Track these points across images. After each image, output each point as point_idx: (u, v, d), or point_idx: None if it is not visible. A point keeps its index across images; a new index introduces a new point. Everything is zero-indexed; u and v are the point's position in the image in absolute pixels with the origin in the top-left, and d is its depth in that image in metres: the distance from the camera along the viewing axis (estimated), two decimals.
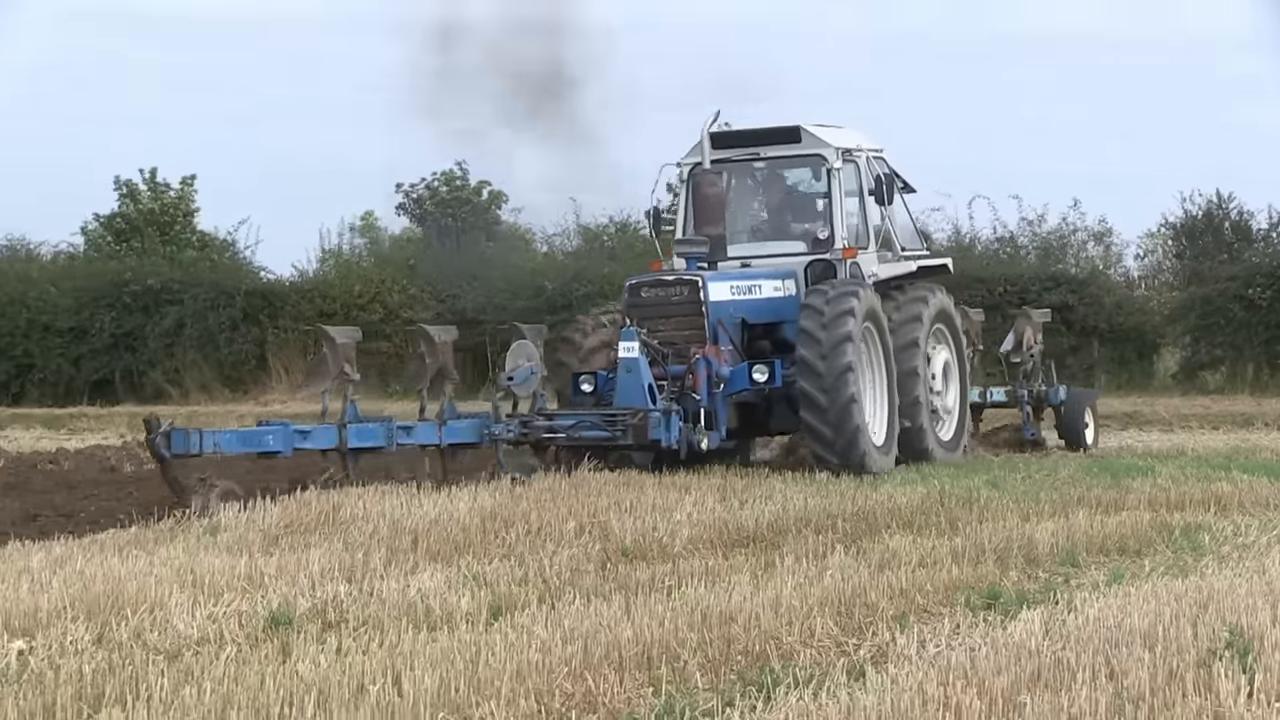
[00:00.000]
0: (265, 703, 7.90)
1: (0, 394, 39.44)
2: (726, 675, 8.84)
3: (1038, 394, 25.44)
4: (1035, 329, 25.89)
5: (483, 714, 7.83)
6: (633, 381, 18.60)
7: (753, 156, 21.91)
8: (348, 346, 17.97)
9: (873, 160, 21.69)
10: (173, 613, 10.73)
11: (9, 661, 9.39)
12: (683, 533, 14.26)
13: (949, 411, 22.42)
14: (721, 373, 19.22)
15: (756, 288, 20.83)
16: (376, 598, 11.31)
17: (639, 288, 20.17)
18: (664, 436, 18.23)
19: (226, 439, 17.28)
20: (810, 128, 21.36)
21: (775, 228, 22.64)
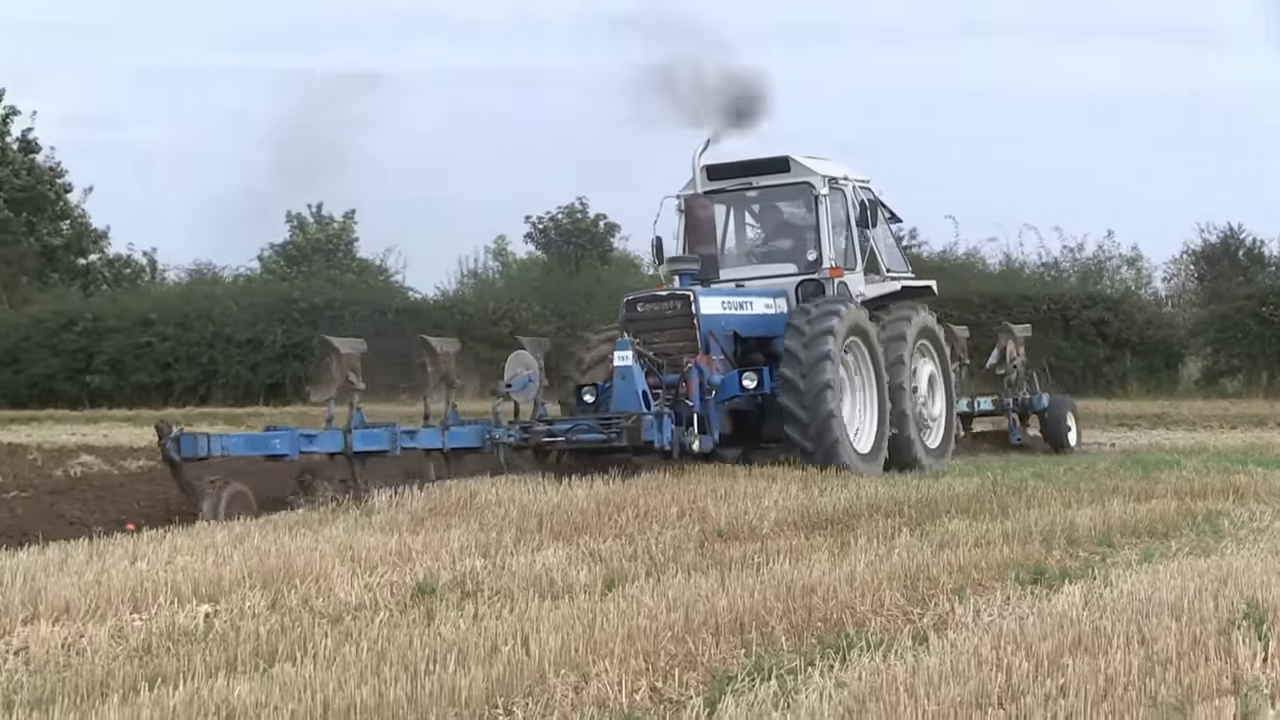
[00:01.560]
0: (413, 659, 7.95)
1: (189, 395, 39.78)
2: (808, 639, 8.84)
3: (1022, 401, 24.94)
4: (1017, 343, 25.27)
5: (598, 671, 7.85)
6: (627, 388, 17.54)
7: (745, 186, 20.98)
8: (352, 357, 16.70)
9: (858, 189, 20.71)
10: (335, 582, 10.82)
11: (198, 622, 9.51)
12: (770, 516, 14.26)
13: (935, 420, 21.37)
14: (713, 380, 18.23)
15: (748, 304, 19.79)
16: (507, 571, 11.35)
17: (635, 303, 19.26)
18: (657, 438, 17.15)
19: (234, 442, 16.17)
20: (799, 158, 20.44)
21: (768, 251, 21.56)
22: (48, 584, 10.36)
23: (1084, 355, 38.38)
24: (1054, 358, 37.99)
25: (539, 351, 18.26)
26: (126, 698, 7.26)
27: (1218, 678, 7.46)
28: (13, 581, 10.49)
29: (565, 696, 7.46)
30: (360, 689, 7.29)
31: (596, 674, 7.81)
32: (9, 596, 9.91)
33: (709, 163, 20.44)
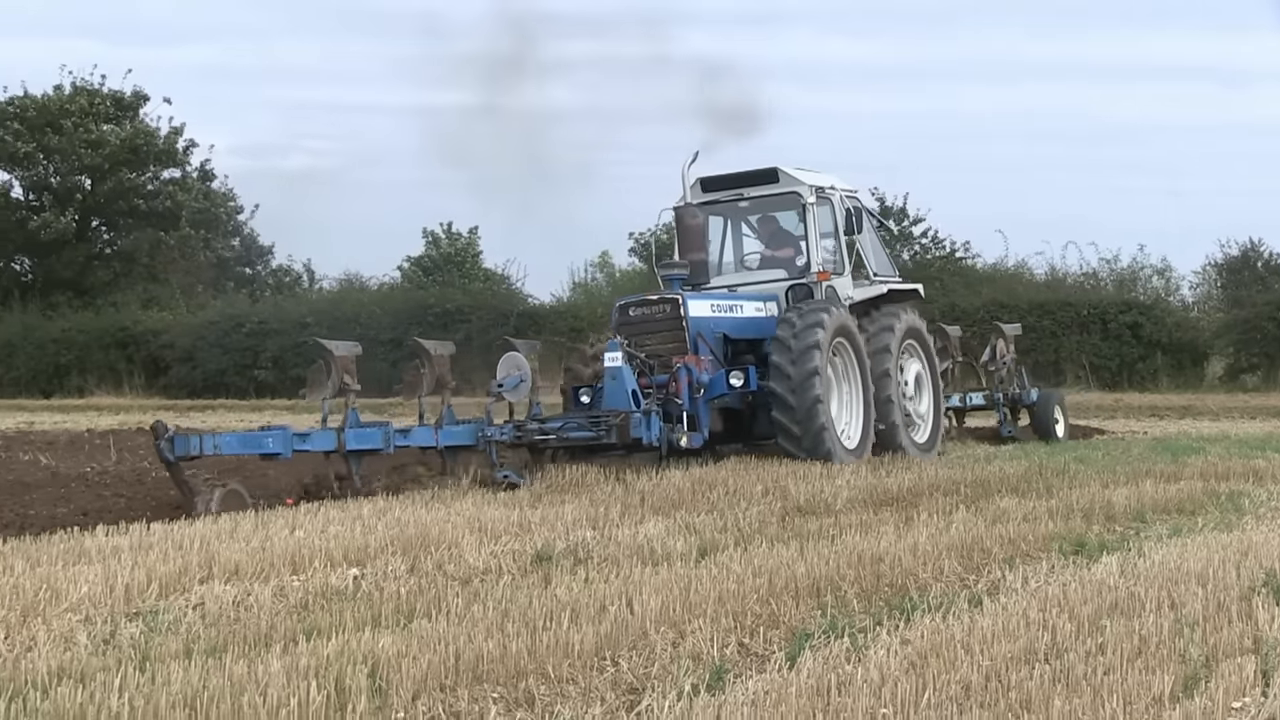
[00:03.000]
0: (532, 617, 7.98)
1: None
2: (876, 602, 8.81)
3: (1012, 396, 23.43)
4: (1008, 341, 23.76)
5: (693, 629, 7.86)
6: (617, 388, 16.17)
7: (737, 196, 19.58)
8: (346, 359, 15.40)
9: (845, 198, 19.31)
10: (465, 550, 10.87)
11: (347, 583, 9.58)
12: (843, 495, 14.21)
13: (922, 417, 19.87)
14: (701, 379, 16.80)
15: (738, 307, 18.42)
16: (614, 541, 11.37)
17: (627, 308, 17.84)
18: (645, 435, 15.66)
19: (227, 441, 14.49)
20: (787, 169, 19.18)
21: (760, 258, 20.10)
22: (220, 549, 10.49)
23: (1120, 354, 38.12)
24: (1094, 356, 37.82)
25: (531, 353, 16.78)
26: (287, 648, 7.33)
27: (1240, 638, 7.41)
28: (191, 546, 10.64)
29: (664, 650, 7.46)
30: (487, 642, 7.33)
31: (692, 631, 7.82)
32: (188, 559, 10.03)
33: (704, 175, 19.41)
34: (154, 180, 47.47)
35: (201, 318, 42.35)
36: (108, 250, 47.55)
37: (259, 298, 46.24)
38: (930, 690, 6.33)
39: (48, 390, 42.26)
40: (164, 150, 47.60)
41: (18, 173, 46.68)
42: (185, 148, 48.07)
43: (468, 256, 47.96)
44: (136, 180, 46.88)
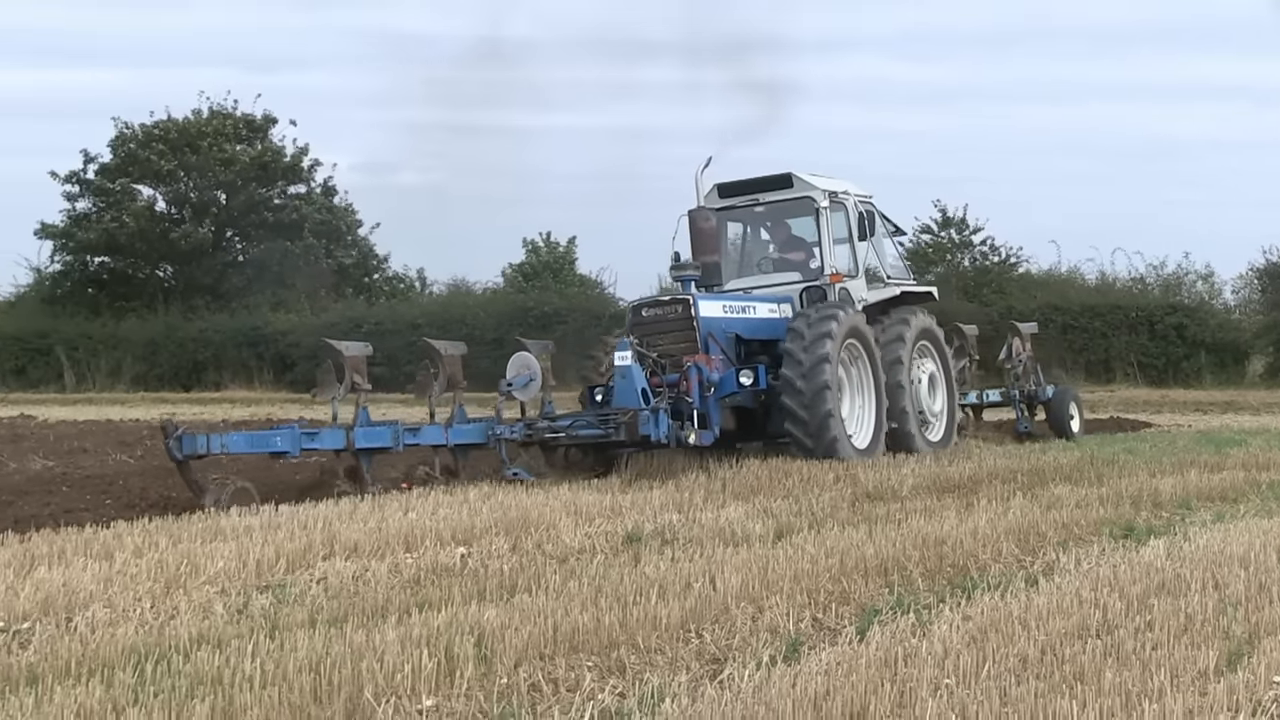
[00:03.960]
0: (623, 592, 7.99)
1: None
2: (939, 581, 8.76)
3: (1029, 393, 22.24)
4: (1024, 339, 22.59)
5: (771, 604, 7.84)
6: (627, 386, 15.15)
7: (754, 202, 18.59)
8: (357, 359, 14.68)
9: (859, 203, 18.42)
10: (562, 531, 10.90)
11: (455, 561, 9.63)
12: (908, 482, 14.15)
13: (936, 415, 18.86)
14: (711, 378, 15.70)
15: (751, 308, 17.42)
16: (698, 524, 11.36)
17: (640, 308, 16.96)
18: (653, 432, 14.68)
19: (234, 440, 13.46)
20: (801, 175, 18.18)
21: (776, 261, 19.03)
22: (341, 529, 10.58)
23: (1165, 353, 37.76)
24: (1141, 355, 37.51)
25: (544, 353, 16.12)
26: (401, 619, 7.37)
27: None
28: (315, 526, 10.75)
29: (744, 624, 7.45)
30: (582, 615, 7.34)
31: (769, 606, 7.81)
32: (312, 538, 10.12)
33: (721, 181, 18.45)
34: (281, 195, 47.89)
35: (324, 319, 42.62)
36: (240, 258, 47.96)
37: (375, 302, 46.50)
38: (990, 663, 6.28)
39: (187, 384, 42.78)
40: (290, 167, 48.02)
41: (161, 188, 47.23)
42: (309, 165, 48.48)
43: (565, 263, 48.05)
44: (266, 195, 47.32)
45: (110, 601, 8.01)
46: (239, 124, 47.39)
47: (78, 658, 6.62)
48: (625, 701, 5.93)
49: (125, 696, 5.85)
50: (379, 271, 50.49)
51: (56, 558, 9.39)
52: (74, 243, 47.03)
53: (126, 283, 46.99)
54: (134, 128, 46.93)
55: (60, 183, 46.97)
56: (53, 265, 48.21)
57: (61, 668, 6.43)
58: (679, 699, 5.92)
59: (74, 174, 46.92)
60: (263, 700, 5.75)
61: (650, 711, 5.71)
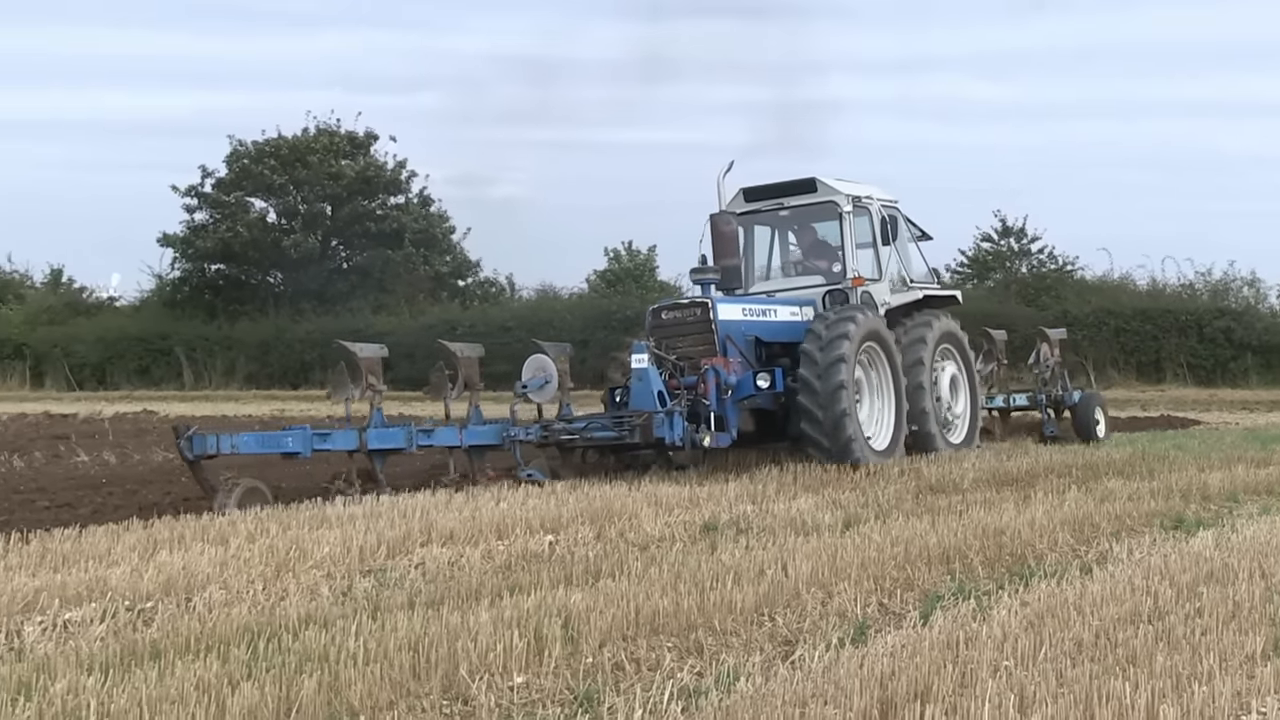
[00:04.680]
0: (701, 578, 7.98)
1: None
2: (998, 569, 8.70)
3: (1055, 397, 20.91)
4: (1053, 345, 21.22)
5: (839, 590, 7.82)
6: (644, 388, 14.35)
7: (779, 206, 17.51)
8: (372, 361, 13.86)
9: (884, 207, 17.37)
10: (643, 520, 10.90)
11: (544, 548, 9.65)
12: (969, 475, 14.05)
13: (958, 418, 17.80)
14: (729, 381, 14.76)
15: (772, 311, 16.38)
16: (770, 514, 11.34)
17: (659, 311, 15.95)
18: (668, 435, 13.94)
19: (244, 441, 12.67)
20: (825, 179, 17.13)
21: (800, 265, 18.07)
22: (437, 518, 10.64)
23: (1214, 355, 37.22)
24: (1190, 356, 37.07)
25: (561, 356, 15.31)
26: (494, 602, 7.40)
27: None
28: (413, 515, 10.81)
29: (814, 608, 7.43)
30: (662, 599, 7.34)
31: (838, 592, 7.78)
32: (411, 526, 10.19)
33: (746, 185, 17.52)
34: (382, 206, 48.18)
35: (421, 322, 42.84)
36: (345, 265, 48.35)
37: (469, 305, 46.73)
38: (1046, 646, 6.23)
39: (295, 383, 43.16)
40: (390, 181, 48.33)
41: (273, 201, 47.69)
42: (408, 178, 48.76)
43: (645, 270, 48.05)
44: (368, 206, 47.64)
45: (226, 583, 8.10)
46: (343, 141, 47.78)
47: (196, 635, 6.70)
48: (703, 680, 5.93)
49: (239, 671, 5.92)
50: (472, 277, 50.71)
51: (177, 542, 9.51)
52: (193, 251, 47.62)
53: (240, 288, 47.49)
54: (248, 145, 47.45)
55: (180, 196, 47.62)
56: (173, 272, 48.87)
57: (181, 644, 6.51)
58: (753, 678, 5.91)
59: (193, 188, 47.53)
60: (366, 676, 5.79)
61: (726, 690, 5.71)
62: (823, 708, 5.26)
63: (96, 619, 7.24)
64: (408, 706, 5.55)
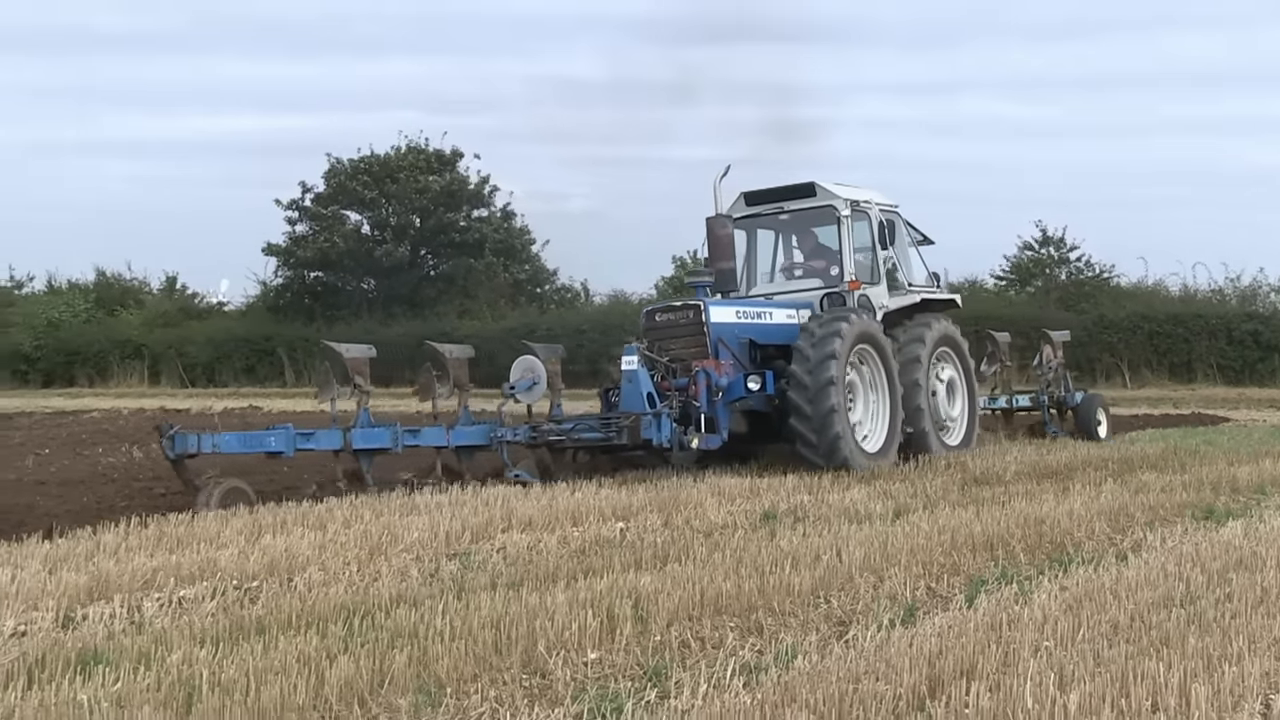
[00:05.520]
0: (761, 563, 7.97)
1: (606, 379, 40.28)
2: (1039, 556, 8.63)
3: (1058, 398, 20.03)
4: (1055, 347, 20.31)
5: (890, 574, 7.78)
6: (633, 390, 13.48)
7: (779, 210, 16.43)
8: (358, 362, 13.21)
9: (883, 212, 16.24)
10: (707, 509, 10.91)
11: (615, 534, 9.66)
12: (1011, 468, 13.95)
13: (954, 420, 16.56)
14: (720, 382, 13.84)
15: (767, 314, 15.27)
16: (826, 503, 11.31)
17: (653, 314, 14.89)
18: (655, 436, 13.03)
19: (226, 440, 11.76)
20: (824, 184, 16.03)
21: (799, 268, 16.87)
22: (517, 506, 10.68)
23: (1242, 356, 36.64)
24: (1220, 358, 36.60)
25: (552, 357, 14.47)
26: (569, 584, 7.42)
27: None
28: (495, 503, 10.86)
29: (867, 591, 7.40)
30: (725, 582, 7.34)
31: (889, 576, 7.75)
32: (493, 513, 10.24)
33: (747, 190, 16.51)
34: (466, 218, 48.38)
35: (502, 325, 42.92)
36: (432, 273, 48.57)
37: (546, 310, 46.83)
38: (1084, 628, 6.18)
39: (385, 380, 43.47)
40: (474, 194, 48.54)
41: (365, 214, 48.03)
42: (490, 192, 48.93)
43: None
44: (453, 219, 47.84)
45: (324, 565, 8.17)
46: (431, 158, 48.05)
47: (297, 612, 6.76)
48: (763, 657, 5.93)
49: (336, 646, 5.97)
50: (549, 283, 50.84)
51: (279, 527, 9.60)
52: (294, 260, 48.10)
53: (336, 294, 47.87)
54: (343, 162, 47.85)
55: (283, 209, 48.10)
56: (276, 279, 49.35)
57: (284, 620, 6.57)
58: (810, 655, 5.90)
59: (294, 202, 48.01)
60: (452, 651, 5.82)
61: (785, 666, 5.70)
62: (875, 683, 5.23)
63: (208, 596, 7.33)
64: (490, 680, 5.57)
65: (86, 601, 7.11)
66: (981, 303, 39.82)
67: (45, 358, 47.68)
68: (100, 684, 5.36)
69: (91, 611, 6.93)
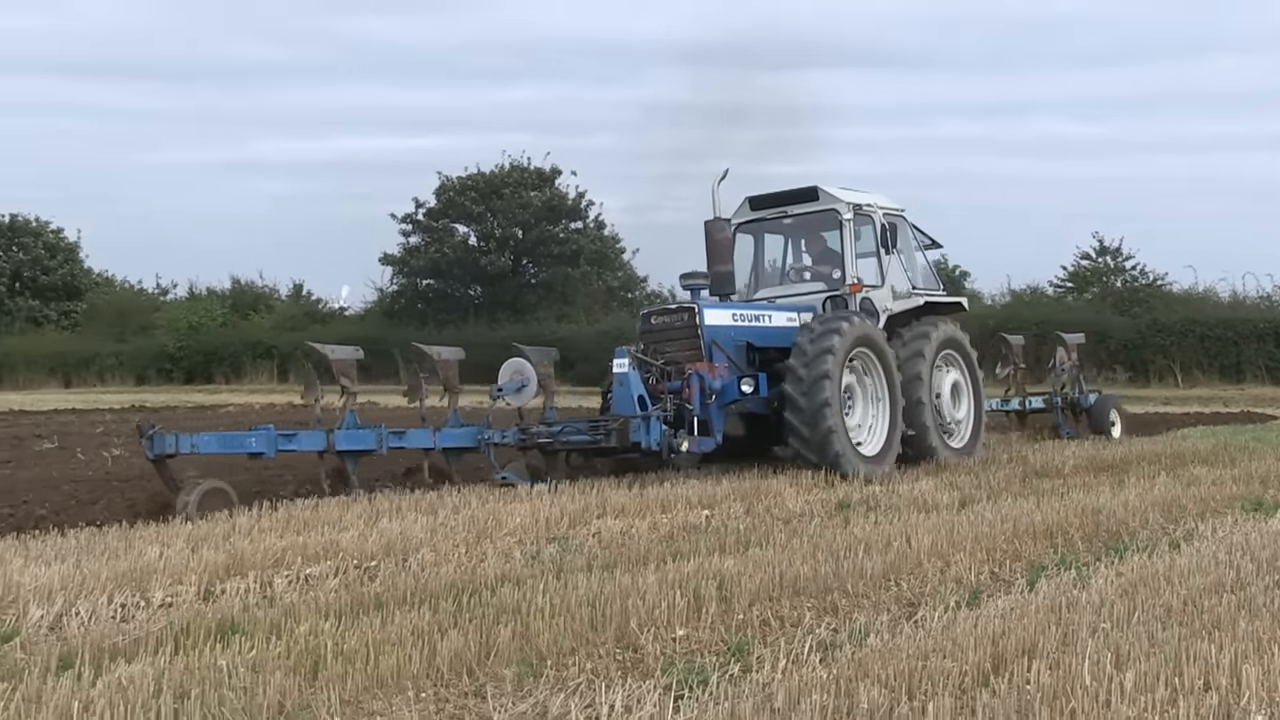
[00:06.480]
0: (836, 549, 7.93)
1: None
2: (1096, 543, 8.50)
3: (1071, 400, 18.91)
4: (1070, 349, 19.18)
5: (956, 560, 7.71)
6: (624, 393, 12.54)
7: (782, 214, 15.21)
8: (345, 363, 12.25)
9: (887, 215, 14.97)
10: (786, 498, 10.88)
11: (701, 521, 9.66)
12: (1069, 462, 13.75)
13: (959, 423, 15.12)
14: (713, 385, 12.73)
15: (766, 317, 14.11)
16: (896, 494, 11.22)
17: (649, 316, 13.89)
18: (644, 439, 12.04)
19: (205, 441, 10.77)
20: (826, 188, 14.82)
21: (803, 272, 15.58)
22: (610, 495, 10.72)
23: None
24: (1269, 360, 35.85)
25: (546, 359, 13.59)
26: (658, 566, 7.43)
27: None
28: (590, 492, 10.91)
29: (934, 575, 7.34)
30: (802, 566, 7.31)
31: (954, 561, 7.68)
32: (589, 501, 10.28)
33: (752, 194, 15.36)
34: (564, 230, 48.66)
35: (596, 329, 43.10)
36: (533, 281, 48.86)
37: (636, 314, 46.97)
38: (1139, 611, 6.08)
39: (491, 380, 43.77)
40: (571, 208, 48.80)
41: (473, 226, 48.46)
42: (586, 207, 49.20)
43: None
44: (552, 231, 48.12)
45: (435, 547, 8.25)
46: (532, 175, 48.38)
47: (411, 590, 6.83)
48: (838, 635, 5.90)
49: (447, 620, 6.02)
50: (639, 289, 50.94)
51: (394, 512, 9.72)
52: (407, 269, 48.66)
53: (446, 300, 48.29)
54: (452, 180, 48.31)
55: (397, 222, 48.74)
56: (391, 286, 49.96)
57: (399, 597, 6.64)
58: (881, 634, 5.86)
59: (408, 215, 48.58)
60: (552, 627, 5.86)
61: (858, 644, 5.67)
62: (942, 660, 5.19)
63: (331, 574, 7.43)
64: (587, 654, 5.60)
65: (224, 577, 7.24)
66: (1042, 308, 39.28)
67: (187, 357, 48.68)
68: (237, 651, 5.45)
69: (229, 586, 7.06)
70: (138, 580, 7.02)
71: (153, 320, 51.71)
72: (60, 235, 57.20)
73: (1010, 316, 35.75)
